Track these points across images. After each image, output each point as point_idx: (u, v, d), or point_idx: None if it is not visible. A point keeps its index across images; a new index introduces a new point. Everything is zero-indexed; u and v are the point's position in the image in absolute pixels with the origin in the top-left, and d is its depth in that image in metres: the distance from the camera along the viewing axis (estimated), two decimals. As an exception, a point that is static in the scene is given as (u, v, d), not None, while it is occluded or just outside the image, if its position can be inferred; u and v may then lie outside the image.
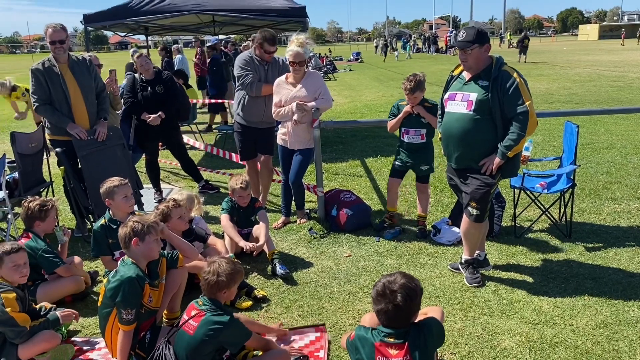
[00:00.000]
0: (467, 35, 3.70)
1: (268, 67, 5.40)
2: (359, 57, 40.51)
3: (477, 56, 3.71)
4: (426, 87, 4.77)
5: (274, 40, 5.28)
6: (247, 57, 5.39)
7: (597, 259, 4.37)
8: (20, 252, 3.27)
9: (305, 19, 7.79)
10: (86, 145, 4.99)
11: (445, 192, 6.18)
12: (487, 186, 3.82)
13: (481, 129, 3.74)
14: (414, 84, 4.65)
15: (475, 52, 3.69)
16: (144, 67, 6.08)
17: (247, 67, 5.32)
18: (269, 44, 5.26)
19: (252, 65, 5.34)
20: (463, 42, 3.70)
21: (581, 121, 7.46)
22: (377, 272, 4.27)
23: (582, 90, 15.49)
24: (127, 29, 11.00)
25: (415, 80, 4.65)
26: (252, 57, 5.37)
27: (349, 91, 18.79)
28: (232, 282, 2.94)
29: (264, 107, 5.39)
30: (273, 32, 5.35)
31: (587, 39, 71.25)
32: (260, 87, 5.30)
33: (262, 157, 5.70)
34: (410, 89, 4.67)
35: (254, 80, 5.29)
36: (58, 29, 4.81)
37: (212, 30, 11.67)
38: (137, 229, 3.11)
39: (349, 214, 5.16)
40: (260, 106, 5.41)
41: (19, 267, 3.23)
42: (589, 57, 31.80)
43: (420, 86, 4.69)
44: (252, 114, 5.47)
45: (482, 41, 3.68)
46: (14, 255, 3.22)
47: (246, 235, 4.61)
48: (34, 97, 4.91)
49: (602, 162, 7.35)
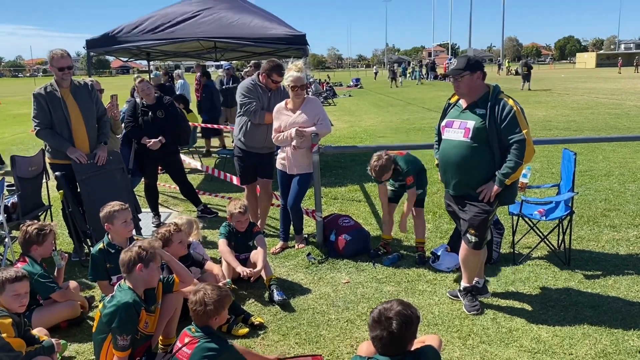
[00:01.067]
0: (458, 63, 3.82)
1: (272, 94, 5.46)
2: (359, 83, 40.96)
3: (468, 83, 3.78)
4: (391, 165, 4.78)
5: (281, 70, 5.35)
6: (251, 84, 5.46)
7: (596, 287, 4.34)
8: (22, 281, 3.22)
9: (306, 46, 7.89)
10: (86, 169, 5.01)
11: (443, 218, 6.18)
12: (485, 213, 3.82)
13: (478, 157, 3.76)
14: (376, 173, 4.78)
15: (467, 80, 3.76)
16: (145, 91, 6.15)
17: (250, 95, 5.38)
18: (277, 74, 5.33)
19: (256, 92, 5.41)
20: (454, 70, 3.81)
21: (579, 148, 7.50)
22: (375, 299, 4.24)
23: (580, 117, 15.61)
24: (130, 54, 11.12)
25: (376, 170, 4.76)
26: (256, 84, 5.44)
27: (348, 116, 18.93)
28: (221, 307, 2.94)
29: (266, 133, 5.43)
30: (280, 63, 5.45)
31: (584, 67, 72.12)
32: (264, 115, 5.36)
33: (262, 180, 5.72)
34: (376, 177, 4.85)
35: (258, 108, 5.35)
36: (65, 55, 4.89)
37: (213, 56, 11.81)
38: (142, 255, 3.11)
39: (348, 239, 5.15)
40: (263, 133, 5.46)
41: (19, 296, 3.19)
42: (586, 84, 32.15)
43: (384, 171, 4.77)
44: (254, 140, 5.51)
45: (473, 69, 3.75)
46: (17, 284, 3.18)
47: (244, 261, 4.59)
48: (35, 121, 4.94)
49: (600, 189, 7.36)
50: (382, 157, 4.76)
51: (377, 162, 4.75)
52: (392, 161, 4.80)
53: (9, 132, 16.77)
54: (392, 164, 4.79)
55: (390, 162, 4.78)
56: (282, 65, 5.39)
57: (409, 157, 4.95)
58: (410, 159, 4.93)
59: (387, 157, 4.76)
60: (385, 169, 4.76)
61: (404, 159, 4.88)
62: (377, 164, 4.74)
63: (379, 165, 4.74)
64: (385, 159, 4.74)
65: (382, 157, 4.76)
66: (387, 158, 4.76)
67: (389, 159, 4.77)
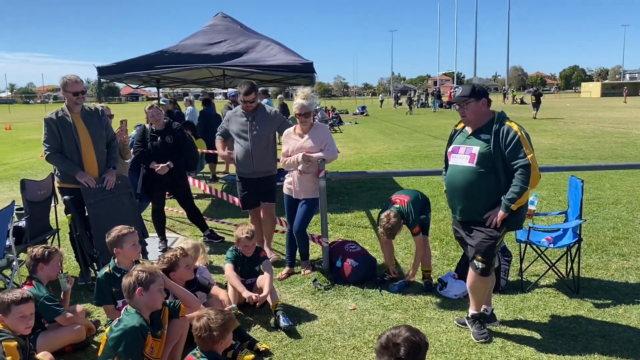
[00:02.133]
0: (464, 91, 3.89)
1: (254, 117, 5.52)
2: (365, 111, 41.25)
3: (474, 110, 3.82)
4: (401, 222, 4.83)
5: (248, 90, 5.45)
6: (230, 111, 5.90)
7: (606, 316, 4.28)
8: (28, 303, 3.24)
9: (313, 74, 8.00)
10: (94, 193, 5.05)
11: (451, 245, 6.15)
12: (492, 239, 3.81)
13: (484, 182, 3.77)
14: (389, 234, 4.84)
15: (472, 106, 3.81)
16: (154, 117, 6.25)
17: (223, 124, 5.81)
18: (243, 94, 5.47)
19: (231, 119, 5.68)
20: (459, 97, 3.87)
21: (586, 176, 7.48)
22: (382, 327, 4.20)
23: (586, 145, 15.62)
24: (140, 81, 11.29)
25: (388, 232, 4.81)
26: (237, 111, 5.71)
27: (354, 143, 19.02)
28: (226, 331, 2.93)
29: (252, 159, 5.50)
30: (247, 83, 5.60)
31: (589, 96, 72.42)
32: (218, 141, 5.85)
33: (264, 204, 5.74)
34: (389, 237, 4.93)
35: (218, 134, 5.85)
36: (79, 80, 5.03)
37: (222, 83, 11.97)
38: (141, 278, 3.11)
39: (354, 265, 5.12)
40: (248, 159, 5.52)
41: (25, 317, 3.20)
42: (592, 113, 32.23)
43: (395, 231, 4.83)
44: (241, 166, 5.63)
45: (478, 96, 3.81)
46: (22, 305, 3.19)
47: (250, 286, 4.57)
48: (46, 146, 5.02)
49: (608, 217, 7.32)
50: (391, 217, 4.77)
51: (387, 223, 4.77)
52: (400, 217, 4.82)
53: (19, 157, 16.94)
54: (402, 220, 4.83)
55: (399, 220, 4.80)
56: (249, 85, 5.49)
57: (410, 203, 4.91)
58: (411, 206, 4.87)
59: (394, 217, 4.78)
60: (396, 229, 4.81)
61: (407, 209, 4.87)
62: (389, 225, 4.76)
63: (390, 226, 4.76)
64: (394, 220, 4.76)
65: (391, 217, 4.77)
66: (395, 216, 4.78)
67: (396, 216, 4.78)
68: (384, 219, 4.82)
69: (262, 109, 5.62)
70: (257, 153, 5.46)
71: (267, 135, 5.55)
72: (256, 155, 5.46)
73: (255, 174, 5.60)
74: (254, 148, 5.47)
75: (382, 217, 4.86)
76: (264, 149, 5.53)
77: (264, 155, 5.54)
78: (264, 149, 5.53)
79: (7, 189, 10.76)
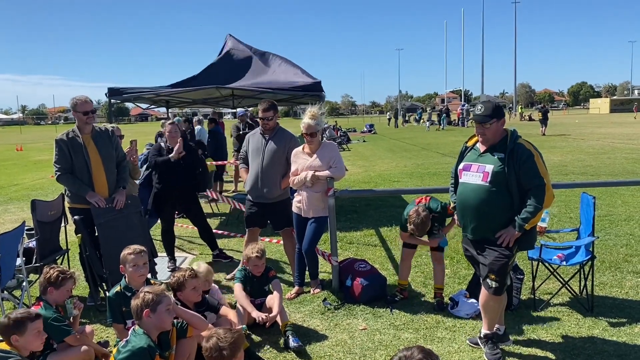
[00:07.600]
0: (486, 109, 3.77)
1: (269, 137, 5.51)
2: (372, 129, 41.33)
3: (495, 129, 3.78)
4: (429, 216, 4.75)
5: (266, 107, 5.47)
6: (251, 132, 5.85)
7: (622, 335, 4.20)
8: (40, 319, 3.34)
9: (321, 92, 8.04)
10: (104, 213, 5.07)
11: (461, 264, 6.08)
12: (506, 257, 3.77)
13: (497, 201, 3.74)
14: (420, 229, 4.74)
15: (494, 126, 3.77)
16: (171, 134, 6.35)
17: (244, 146, 5.76)
18: (261, 110, 5.51)
19: (253, 138, 5.64)
20: (482, 117, 3.77)
21: (597, 193, 7.41)
22: (393, 347, 4.14)
23: (596, 162, 15.51)
24: (149, 101, 11.42)
25: (419, 227, 4.71)
26: (256, 132, 5.69)
27: (362, 161, 19.03)
28: (237, 350, 2.90)
29: (259, 183, 5.46)
30: (269, 101, 5.58)
31: (598, 112, 72.12)
32: (242, 170, 5.82)
33: (283, 230, 5.68)
34: (419, 233, 4.84)
35: (241, 159, 5.84)
36: (88, 100, 5.11)
37: (231, 103, 12.07)
38: (148, 300, 3.11)
39: (364, 284, 5.08)
40: (255, 183, 5.49)
41: (40, 332, 3.30)
42: (601, 129, 32.07)
43: (425, 226, 4.73)
44: (250, 189, 5.58)
45: (499, 115, 3.77)
46: (37, 322, 3.29)
47: (259, 305, 4.54)
48: (57, 167, 5.06)
49: (621, 234, 7.23)
50: (420, 212, 4.70)
51: (416, 218, 4.69)
52: (429, 211, 4.75)
53: (30, 177, 17.10)
54: (430, 214, 4.75)
55: (428, 213, 4.73)
56: (269, 103, 5.50)
57: (432, 199, 4.92)
58: (435, 201, 4.88)
59: (424, 211, 4.71)
60: (427, 223, 4.72)
61: (433, 204, 4.84)
62: (418, 220, 4.68)
63: (420, 220, 4.67)
64: (424, 214, 4.69)
65: (420, 212, 4.70)
66: (424, 211, 4.72)
67: (425, 211, 4.72)
68: (412, 214, 4.71)
69: (281, 131, 5.58)
70: (266, 173, 5.40)
71: (279, 156, 5.44)
72: (265, 175, 5.40)
73: (261, 199, 5.51)
74: (264, 167, 5.41)
75: (410, 214, 4.74)
76: (274, 171, 5.42)
77: (273, 178, 5.42)
78: (274, 172, 5.42)
79: (18, 210, 10.83)
